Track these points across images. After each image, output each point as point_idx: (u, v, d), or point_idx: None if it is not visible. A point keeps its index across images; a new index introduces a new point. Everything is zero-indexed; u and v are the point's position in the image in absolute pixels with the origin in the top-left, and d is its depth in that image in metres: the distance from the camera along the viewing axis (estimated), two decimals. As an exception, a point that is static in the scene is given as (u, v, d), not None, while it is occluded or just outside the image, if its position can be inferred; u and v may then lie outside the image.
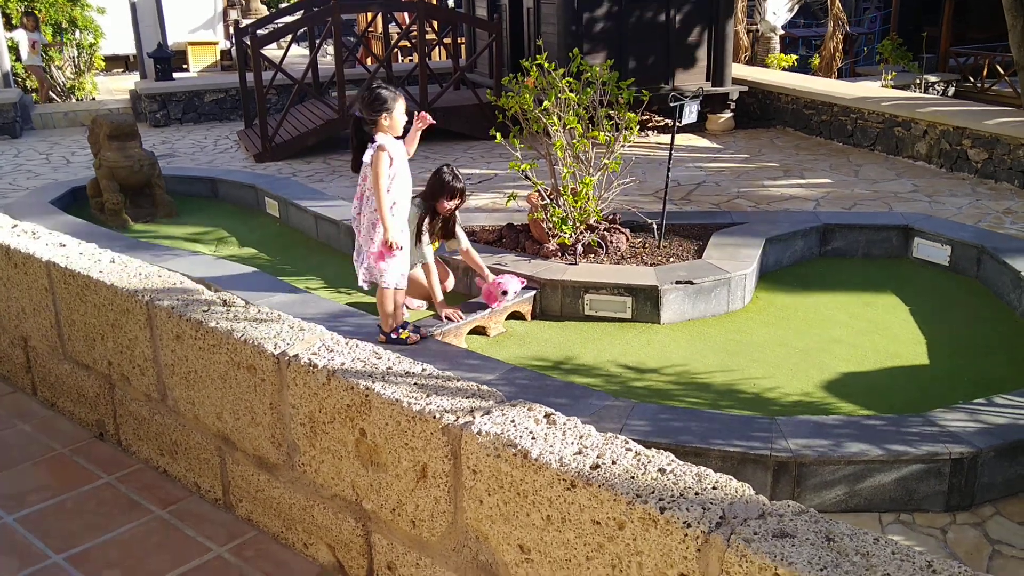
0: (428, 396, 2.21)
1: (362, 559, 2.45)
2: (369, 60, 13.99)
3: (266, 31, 10.96)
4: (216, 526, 2.75)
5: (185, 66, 16.51)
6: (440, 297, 5.41)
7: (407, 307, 5.50)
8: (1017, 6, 9.16)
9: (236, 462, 2.72)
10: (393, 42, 12.72)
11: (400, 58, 16.69)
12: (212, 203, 8.75)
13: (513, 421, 2.10)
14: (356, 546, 2.45)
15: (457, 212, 5.57)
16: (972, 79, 15.18)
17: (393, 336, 4.89)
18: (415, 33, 11.24)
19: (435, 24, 13.07)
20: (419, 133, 4.93)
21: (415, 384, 2.28)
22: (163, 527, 2.75)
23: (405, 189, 4.74)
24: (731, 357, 5.11)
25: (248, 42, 10.15)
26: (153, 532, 2.73)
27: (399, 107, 4.58)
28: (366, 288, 5.08)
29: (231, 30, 14.06)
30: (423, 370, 2.36)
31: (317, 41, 11.77)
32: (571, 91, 5.96)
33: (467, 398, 2.22)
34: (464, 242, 5.67)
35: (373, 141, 4.59)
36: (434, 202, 5.43)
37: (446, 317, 5.26)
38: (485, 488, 2.06)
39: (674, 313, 5.62)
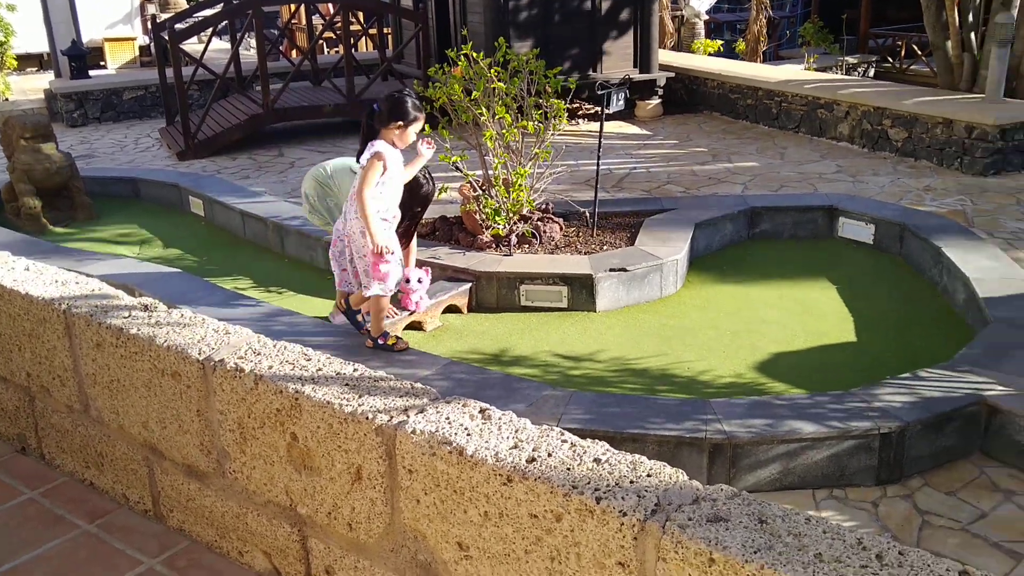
0: (360, 397, 2.17)
1: (299, 564, 2.40)
2: (294, 53, 13.76)
3: (185, 25, 10.67)
4: (147, 538, 2.67)
5: (102, 63, 16.00)
6: None
7: None
8: (930, -12, 9.42)
9: (165, 471, 2.64)
10: (317, 34, 12.50)
11: (326, 50, 16.45)
12: (134, 204, 8.51)
13: (448, 418, 2.08)
14: (293, 552, 2.40)
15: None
16: (891, 60, 15.58)
17: (381, 342, 4.72)
18: (340, 24, 11.08)
19: (360, 15, 12.90)
20: (422, 161, 4.79)
21: (347, 385, 2.24)
22: (92, 541, 2.66)
23: (395, 198, 4.57)
24: (665, 342, 5.17)
25: (167, 37, 9.89)
26: (81, 547, 2.64)
27: (416, 126, 4.45)
28: (344, 289, 4.81)
29: (149, 25, 13.67)
30: (355, 370, 2.32)
31: (239, 34, 11.52)
32: (499, 80, 5.94)
33: (401, 397, 2.19)
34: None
35: (374, 140, 4.42)
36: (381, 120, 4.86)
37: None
38: (422, 487, 2.04)
39: (609, 301, 5.66)
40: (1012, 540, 3.37)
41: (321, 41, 14.76)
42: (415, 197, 5.05)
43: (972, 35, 9.42)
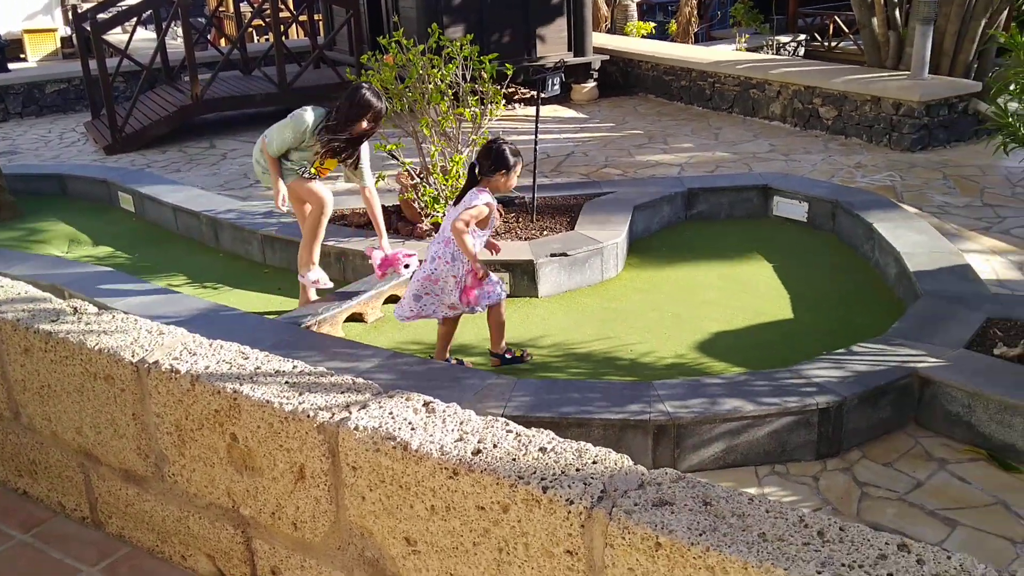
0: (301, 394, 2.14)
1: (244, 566, 2.36)
2: (223, 42, 13.47)
3: (108, 15, 10.36)
4: (85, 545, 2.60)
5: (22, 56, 15.45)
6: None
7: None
8: (855, -32, 9.59)
9: (102, 477, 2.57)
10: (246, 21, 12.25)
11: (256, 38, 16.14)
12: (60, 201, 8.24)
13: (391, 413, 2.05)
14: (237, 554, 2.36)
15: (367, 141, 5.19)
16: (820, 38, 15.85)
17: (508, 356, 4.75)
18: (269, 12, 10.87)
19: (289, 2, 12.67)
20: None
21: (287, 383, 2.20)
22: (28, 552, 2.59)
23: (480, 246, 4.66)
24: (608, 325, 5.20)
25: (89, 28, 9.58)
26: (17, 558, 2.56)
27: (518, 169, 4.56)
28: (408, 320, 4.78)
29: (70, 16, 13.24)
30: (294, 367, 2.28)
31: (164, 24, 11.23)
32: (433, 67, 5.89)
33: (342, 393, 2.16)
34: (368, 179, 5.22)
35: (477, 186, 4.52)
36: (348, 124, 4.98)
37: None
38: (366, 484, 2.02)
39: (551, 286, 5.67)
40: (947, 508, 3.48)
41: (250, 29, 14.48)
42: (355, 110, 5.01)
43: (897, 13, 9.63)
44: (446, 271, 4.53)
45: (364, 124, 4.99)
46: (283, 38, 11.13)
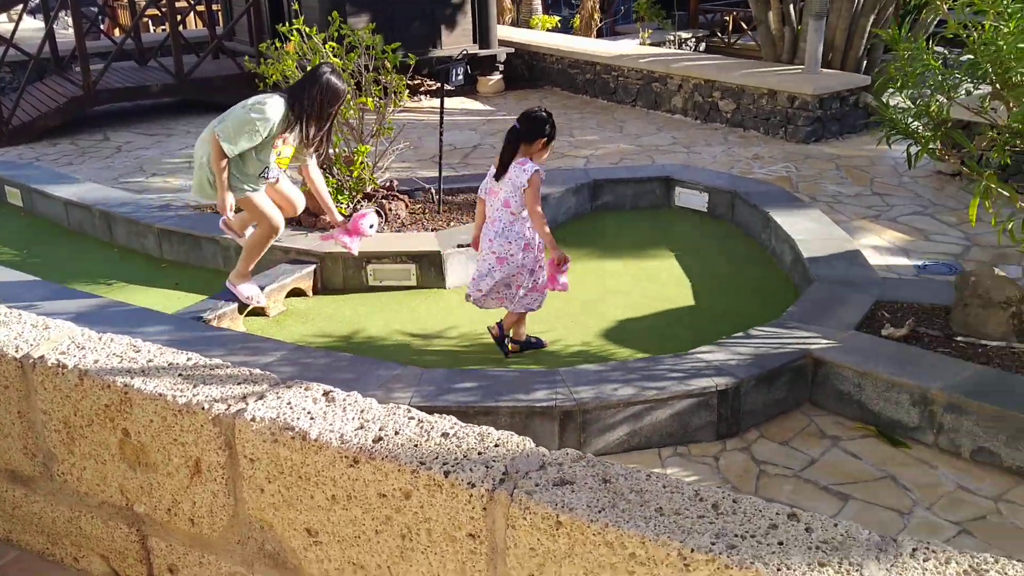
0: (195, 387, 2.08)
1: (140, 566, 2.29)
2: (116, 31, 12.99)
3: (-9, 1, 9.89)
4: (-31, 552, 2.48)
5: None
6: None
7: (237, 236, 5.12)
8: (751, -35, 9.85)
9: (-14, 480, 2.46)
10: (140, 10, 11.83)
11: (151, 27, 15.61)
12: (-57, 196, 7.84)
13: (290, 403, 2.02)
14: (132, 552, 2.29)
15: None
16: (720, 34, 16.24)
17: (532, 341, 4.80)
18: (164, 1, 10.53)
19: (187, -9, 12.32)
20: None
21: (180, 375, 2.14)
22: (-96, 562, 2.45)
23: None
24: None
25: (-30, 14, 9.11)
26: None
27: (553, 142, 4.51)
28: (483, 306, 4.69)
29: (-51, 1, 12.56)
30: (188, 360, 2.22)
31: (52, 12, 10.76)
32: (335, 56, 5.80)
33: (239, 384, 2.12)
34: (313, 159, 5.01)
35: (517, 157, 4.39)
36: (324, 112, 4.66)
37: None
38: (265, 475, 1.98)
39: (459, 277, 5.66)
40: (839, 483, 3.62)
41: (145, 19, 14.00)
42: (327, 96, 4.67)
43: (791, 9, 9.94)
44: (521, 261, 4.51)
45: (543, 145, 4.52)
46: (180, 28, 10.81)
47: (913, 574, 1.53)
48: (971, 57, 4.08)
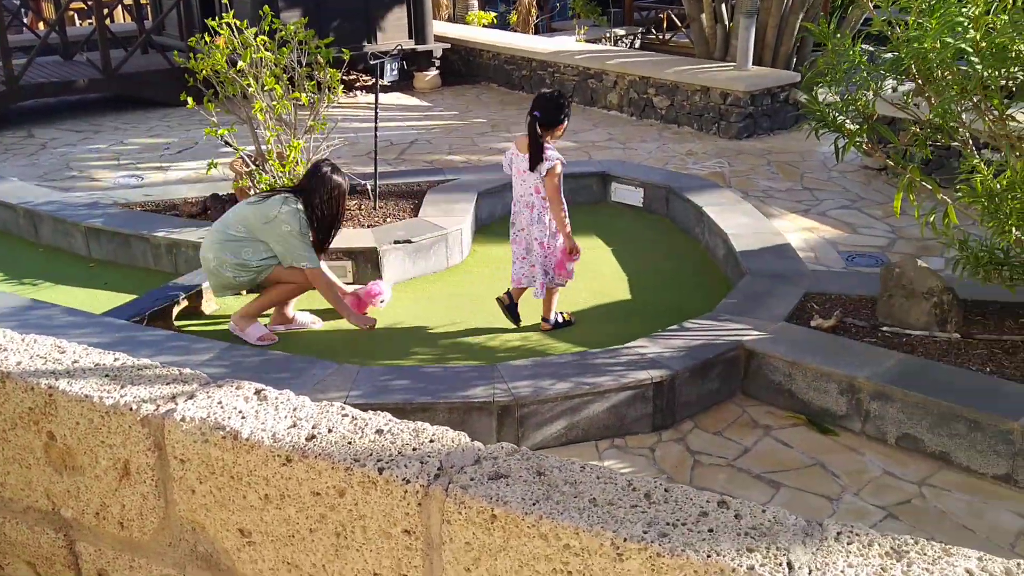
0: (123, 387, 2.04)
1: (68, 571, 2.24)
2: (40, 25, 12.61)
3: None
4: None
5: None
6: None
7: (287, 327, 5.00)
8: (684, -37, 9.99)
9: (-98, 489, 2.37)
10: (65, 3, 11.49)
11: (77, 21, 15.19)
12: None
13: (220, 402, 1.99)
14: (60, 558, 2.23)
15: None
16: (655, 31, 16.42)
17: (561, 321, 5.00)
18: (90, -7, 10.26)
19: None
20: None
21: (107, 376, 2.09)
22: None
23: None
24: (454, 311, 5.22)
25: None
26: None
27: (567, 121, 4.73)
28: (524, 285, 4.95)
29: None
30: (116, 360, 2.17)
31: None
32: (266, 51, 5.72)
33: (168, 384, 2.08)
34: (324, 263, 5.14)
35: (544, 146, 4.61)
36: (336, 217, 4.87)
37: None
38: (196, 476, 1.95)
39: (396, 273, 5.64)
40: (771, 471, 3.70)
41: (70, 12, 13.61)
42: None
43: (723, 7, 10.10)
44: (559, 243, 4.79)
45: (562, 126, 4.74)
46: (107, 21, 10.54)
47: (837, 556, 1.57)
48: (895, 53, 4.20)
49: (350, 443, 1.88)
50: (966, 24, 3.75)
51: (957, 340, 4.25)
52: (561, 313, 5.06)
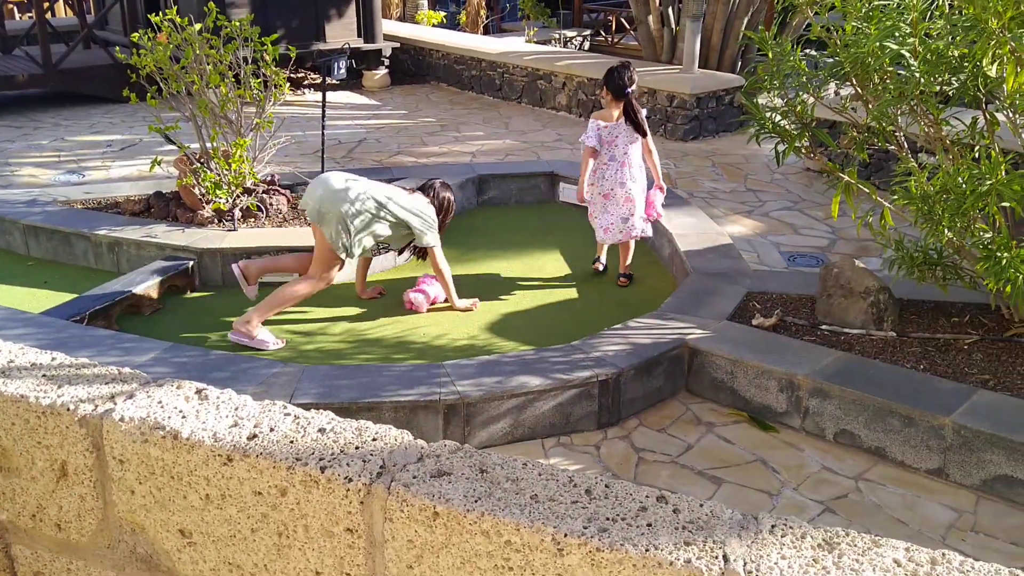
0: (60, 387, 2.01)
1: (3, 575, 2.20)
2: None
3: None
4: None
5: None
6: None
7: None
8: (631, -34, 10.09)
9: None
10: (4, -5, 11.23)
11: (17, 14, 14.82)
12: None
13: (160, 402, 1.98)
14: (-6, 563, 2.19)
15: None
16: (603, 33, 16.54)
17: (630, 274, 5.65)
18: (29, -15, 10.02)
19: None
20: None
21: (44, 376, 2.06)
22: None
23: None
24: (401, 309, 5.21)
25: None
26: None
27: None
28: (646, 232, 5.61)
29: None
30: (53, 359, 2.14)
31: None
32: (211, 48, 5.65)
33: (107, 384, 2.06)
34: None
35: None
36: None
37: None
38: (135, 477, 1.93)
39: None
40: (714, 467, 3.76)
41: (9, 5, 13.28)
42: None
43: (670, 11, 10.22)
44: (638, 192, 5.44)
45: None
46: (48, 15, 10.30)
47: (772, 549, 1.62)
48: (835, 58, 4.30)
49: (292, 442, 1.88)
50: (905, 30, 3.86)
51: (893, 338, 4.37)
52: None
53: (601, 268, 5.74)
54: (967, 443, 3.57)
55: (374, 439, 1.93)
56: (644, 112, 5.39)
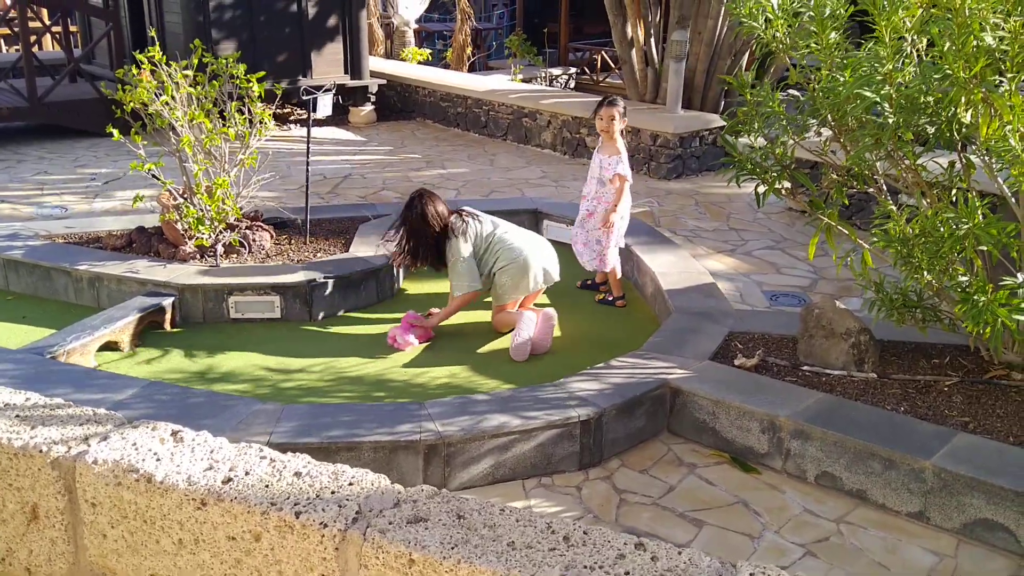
0: (33, 428, 1.99)
1: (-31, 621, 2.15)
2: (-37, 49, 12.28)
3: None
4: None
5: None
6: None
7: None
8: (617, 5, 10.23)
9: None
10: (-9, 29, 11.27)
11: (4, 47, 14.85)
12: None
13: (135, 444, 1.96)
14: (-39, 608, 2.15)
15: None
16: (589, 72, 16.71)
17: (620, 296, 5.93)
18: (18, 19, 10.04)
19: (44, 12, 11.78)
20: None
21: (18, 416, 2.04)
22: None
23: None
24: (381, 347, 5.19)
25: None
26: None
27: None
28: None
29: None
30: (27, 400, 2.12)
31: None
32: (196, 84, 5.67)
33: (81, 425, 2.04)
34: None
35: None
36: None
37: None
38: (108, 520, 1.91)
39: (325, 308, 5.59)
40: (695, 509, 3.74)
41: (-5, 37, 13.31)
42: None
43: (654, 51, 10.34)
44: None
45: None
46: (35, 49, 10.33)
47: (749, 597, 1.61)
48: (810, 104, 4.36)
49: (267, 486, 1.86)
50: (878, 80, 3.93)
51: (874, 380, 4.38)
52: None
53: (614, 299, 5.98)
54: (947, 486, 3.57)
55: (351, 483, 1.92)
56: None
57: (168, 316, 5.34)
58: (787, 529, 3.62)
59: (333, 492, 1.88)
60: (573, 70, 16.76)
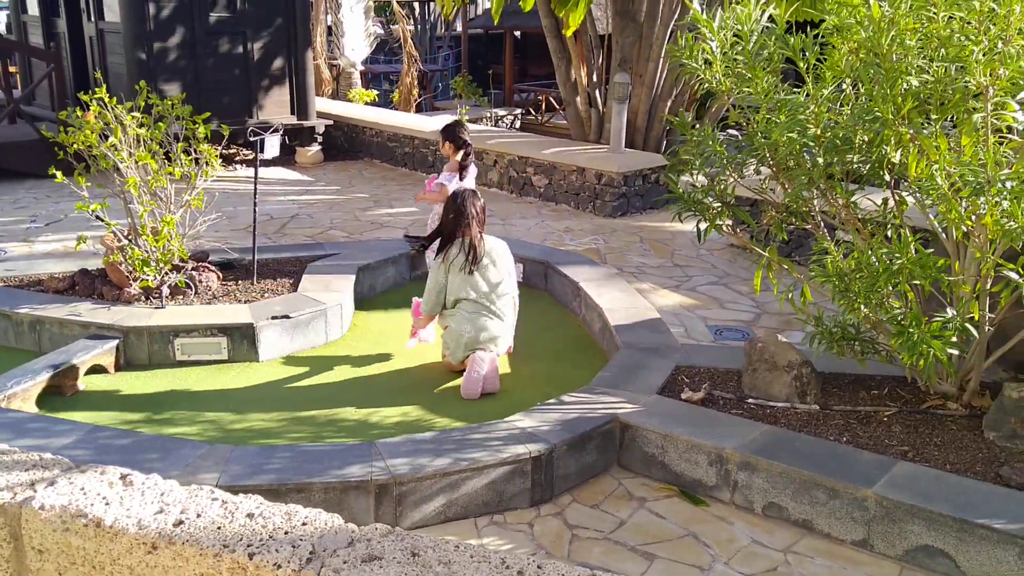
0: (-23, 475, 1.96)
1: (-94, 677, 2.09)
2: None
3: None
4: None
5: None
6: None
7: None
8: (560, 49, 10.44)
9: None
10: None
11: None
12: None
13: (83, 488, 1.94)
14: (-103, 663, 2.08)
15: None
16: (534, 112, 16.95)
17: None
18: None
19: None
20: None
21: (-40, 463, 2.00)
22: None
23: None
24: (332, 387, 5.17)
25: None
26: None
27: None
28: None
29: None
30: (-30, 446, 2.08)
31: None
32: (141, 126, 5.64)
33: (27, 470, 2.01)
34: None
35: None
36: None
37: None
38: (55, 567, 1.88)
39: (273, 349, 5.55)
40: (646, 543, 3.78)
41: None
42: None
43: (597, 93, 10.56)
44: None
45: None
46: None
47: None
48: (749, 144, 4.51)
49: (220, 528, 1.85)
50: (805, 122, 4.08)
51: (816, 411, 4.49)
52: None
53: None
54: (889, 514, 3.67)
55: (304, 523, 1.92)
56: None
57: (112, 359, 5.25)
58: (736, 560, 3.67)
59: (286, 532, 1.88)
60: (518, 111, 16.99)
